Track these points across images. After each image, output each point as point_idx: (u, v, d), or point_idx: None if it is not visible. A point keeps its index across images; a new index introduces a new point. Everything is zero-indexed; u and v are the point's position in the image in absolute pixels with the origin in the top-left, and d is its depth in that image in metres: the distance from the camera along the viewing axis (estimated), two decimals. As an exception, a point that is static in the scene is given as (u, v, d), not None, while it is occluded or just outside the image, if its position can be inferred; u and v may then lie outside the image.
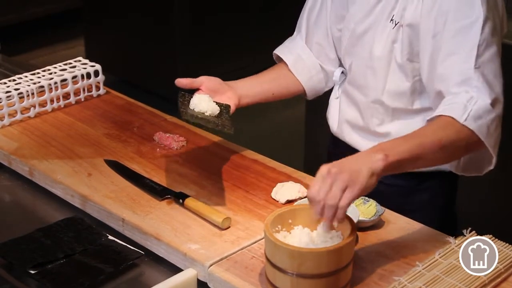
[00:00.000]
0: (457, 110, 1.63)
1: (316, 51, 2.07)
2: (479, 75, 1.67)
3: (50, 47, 5.52)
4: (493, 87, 1.68)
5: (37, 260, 1.62)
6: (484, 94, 1.66)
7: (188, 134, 2.11)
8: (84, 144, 2.07)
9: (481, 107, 1.64)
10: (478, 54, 1.68)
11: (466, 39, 1.70)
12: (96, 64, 2.35)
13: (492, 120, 1.65)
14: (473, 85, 1.67)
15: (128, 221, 1.73)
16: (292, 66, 2.07)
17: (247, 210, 1.78)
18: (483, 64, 1.69)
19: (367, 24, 1.88)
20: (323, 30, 2.04)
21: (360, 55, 1.91)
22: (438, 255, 1.58)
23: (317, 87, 2.11)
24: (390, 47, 1.84)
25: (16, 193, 1.97)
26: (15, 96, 2.17)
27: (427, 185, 1.97)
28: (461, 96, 1.66)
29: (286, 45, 2.12)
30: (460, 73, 1.69)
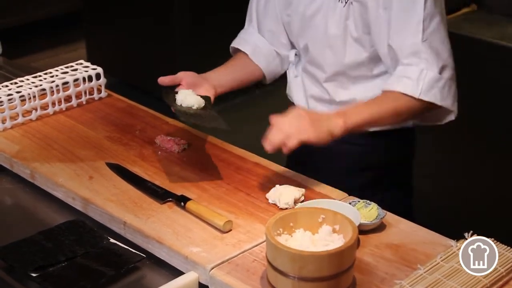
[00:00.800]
0: (411, 86, 1.86)
1: (269, 38, 2.19)
2: (427, 47, 1.87)
3: (52, 50, 5.52)
4: (440, 55, 1.89)
5: (39, 263, 1.62)
6: (432, 65, 1.87)
7: (189, 137, 2.11)
8: (85, 147, 2.07)
9: (432, 79, 1.87)
10: (424, 28, 1.87)
11: (412, 14, 1.87)
12: (97, 67, 2.35)
13: (444, 85, 1.89)
14: (422, 57, 1.87)
15: (129, 224, 1.73)
16: (252, 55, 2.20)
17: (248, 213, 1.78)
18: (429, 36, 1.88)
19: (315, 6, 2.00)
20: (272, 17, 2.16)
21: (315, 36, 2.03)
22: (439, 258, 1.58)
23: (275, 72, 2.24)
24: (344, 24, 1.96)
25: (17, 196, 1.97)
26: (17, 99, 2.17)
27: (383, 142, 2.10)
28: (412, 70, 1.87)
29: (241, 37, 2.25)
30: (410, 47, 1.88)
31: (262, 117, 1.97)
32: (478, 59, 3.06)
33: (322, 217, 1.57)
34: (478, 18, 3.26)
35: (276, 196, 1.80)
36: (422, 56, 1.87)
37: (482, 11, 3.33)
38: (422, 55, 1.87)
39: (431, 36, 1.88)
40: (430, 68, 1.87)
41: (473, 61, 3.06)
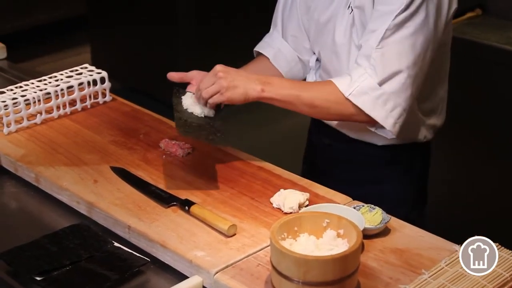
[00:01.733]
0: (346, 84, 1.87)
1: (292, 43, 2.18)
2: (379, 55, 1.85)
3: (57, 54, 5.53)
4: (388, 67, 1.85)
5: (43, 267, 1.62)
6: (374, 73, 1.85)
7: (194, 141, 2.10)
8: (90, 151, 2.07)
9: (368, 85, 1.85)
10: (384, 37, 1.84)
11: (383, 19, 1.85)
12: (102, 71, 2.35)
13: (379, 96, 1.86)
14: (371, 62, 1.85)
15: (134, 228, 1.73)
16: (273, 59, 2.19)
17: (253, 218, 1.78)
18: (386, 45, 1.85)
19: (329, 13, 2.00)
20: (296, 22, 2.16)
21: (325, 43, 2.03)
22: (444, 263, 1.58)
23: (296, 77, 2.21)
24: (350, 31, 1.96)
25: (22, 199, 1.97)
26: (22, 103, 2.17)
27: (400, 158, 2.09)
28: (358, 70, 1.87)
29: (265, 41, 2.24)
30: (365, 49, 1.87)
31: (266, 121, 1.98)
32: (482, 63, 3.06)
33: (327, 221, 1.57)
34: (483, 22, 3.26)
35: (281, 201, 1.80)
36: (371, 62, 1.85)
37: (486, 15, 3.32)
38: (371, 60, 1.85)
39: (388, 46, 1.85)
40: (371, 75, 1.85)
41: (478, 65, 3.06)
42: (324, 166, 2.16)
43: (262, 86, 1.87)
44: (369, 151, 2.08)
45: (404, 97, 1.88)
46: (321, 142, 2.19)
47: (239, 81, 1.87)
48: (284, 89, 1.89)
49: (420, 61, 1.88)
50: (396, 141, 2.03)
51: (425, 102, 2.04)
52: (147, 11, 4.72)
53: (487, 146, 3.13)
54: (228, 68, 1.89)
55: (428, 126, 2.08)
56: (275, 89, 1.88)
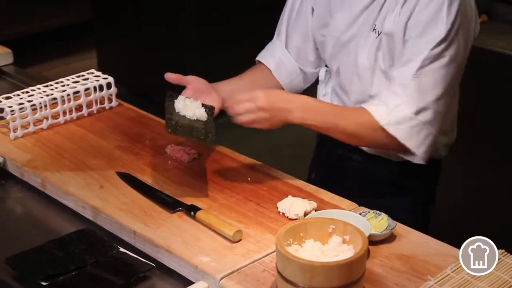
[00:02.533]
0: (382, 113, 1.87)
1: (295, 54, 2.18)
2: (416, 84, 1.86)
3: (63, 59, 5.54)
4: (425, 96, 1.87)
5: (49, 272, 1.62)
6: (411, 103, 1.86)
7: (200, 147, 2.11)
8: (96, 156, 2.07)
9: (405, 115, 1.87)
10: (422, 65, 1.85)
11: (419, 50, 1.85)
12: (108, 76, 2.35)
13: (415, 126, 1.88)
14: (407, 91, 1.86)
15: (139, 233, 1.74)
16: (275, 70, 2.19)
17: (258, 223, 1.78)
18: (422, 75, 1.86)
19: (351, 33, 1.98)
20: (301, 34, 2.14)
21: (346, 62, 2.02)
22: (450, 269, 1.57)
23: (296, 89, 2.22)
24: (375, 56, 1.95)
25: (28, 204, 1.97)
26: (28, 108, 2.18)
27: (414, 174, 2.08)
28: (393, 99, 1.88)
29: (267, 50, 2.23)
30: (401, 78, 1.87)
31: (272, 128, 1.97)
32: (489, 69, 3.06)
33: (332, 227, 1.56)
34: (489, 28, 3.25)
35: (287, 206, 1.80)
36: (407, 91, 1.86)
37: (493, 21, 3.32)
38: (407, 89, 1.86)
39: (424, 75, 1.86)
40: (408, 105, 1.86)
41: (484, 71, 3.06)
42: (336, 177, 2.15)
43: (302, 114, 1.87)
44: (385, 165, 2.07)
45: (436, 126, 1.92)
46: (336, 152, 2.16)
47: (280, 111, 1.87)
48: (321, 116, 1.90)
49: (450, 89, 1.91)
50: None
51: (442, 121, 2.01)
52: (153, 17, 4.73)
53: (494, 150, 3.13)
54: (271, 98, 1.88)
55: (443, 144, 2.08)
56: (314, 116, 1.89)
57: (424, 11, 1.85)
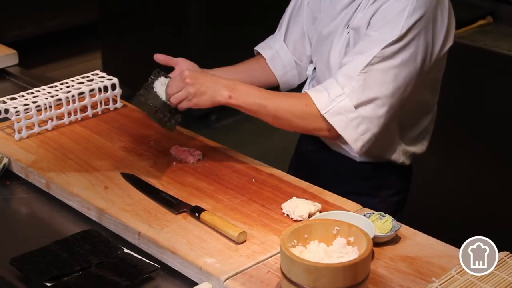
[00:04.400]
0: (324, 101, 1.87)
1: (292, 48, 2.22)
2: (361, 78, 1.86)
3: (68, 60, 5.55)
4: (367, 92, 1.87)
5: (53, 272, 1.63)
6: (353, 95, 1.86)
7: (204, 148, 2.11)
8: (101, 157, 2.07)
9: (345, 106, 1.87)
10: (370, 63, 1.86)
11: (370, 47, 1.87)
12: (113, 77, 2.36)
13: (354, 119, 1.88)
14: (351, 84, 1.86)
15: (144, 234, 1.74)
16: (270, 61, 2.23)
17: (263, 225, 1.78)
18: (370, 71, 1.86)
19: (330, 28, 2.03)
20: (299, 28, 2.20)
21: (322, 56, 2.06)
22: (454, 271, 1.57)
23: (290, 82, 2.26)
24: (345, 52, 1.98)
25: (32, 205, 1.98)
26: (33, 109, 2.18)
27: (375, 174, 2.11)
28: (336, 88, 1.87)
29: (266, 42, 2.28)
30: (349, 69, 1.88)
31: (276, 128, 1.98)
32: (493, 71, 3.06)
33: (337, 229, 1.56)
34: (494, 30, 3.26)
35: (291, 207, 1.80)
36: (349, 83, 1.86)
37: (497, 23, 3.32)
38: (352, 82, 1.86)
39: (372, 73, 1.86)
40: (350, 96, 1.86)
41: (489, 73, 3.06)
42: (310, 173, 2.14)
43: (229, 92, 1.90)
44: (348, 163, 2.09)
45: (377, 123, 1.90)
46: (307, 148, 2.21)
47: (206, 87, 1.90)
48: (250, 97, 1.91)
49: (400, 93, 1.90)
50: (370, 159, 2.07)
51: (407, 131, 2.07)
52: (158, 18, 4.73)
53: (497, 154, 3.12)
54: (196, 73, 1.94)
55: (407, 153, 2.10)
56: (242, 96, 1.91)
57: (387, 10, 1.87)
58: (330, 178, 2.10)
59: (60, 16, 5.68)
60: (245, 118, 4.52)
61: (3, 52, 2.78)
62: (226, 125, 4.48)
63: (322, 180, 2.01)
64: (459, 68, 2.78)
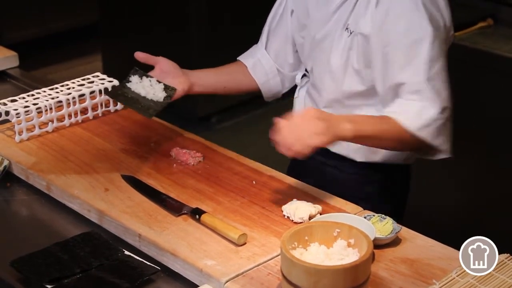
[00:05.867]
0: (410, 119, 1.86)
1: (274, 56, 2.23)
2: (431, 86, 1.87)
3: (68, 62, 5.55)
4: (441, 96, 1.88)
5: (54, 274, 1.63)
6: (434, 104, 1.87)
7: (205, 150, 2.11)
8: (101, 159, 2.07)
9: (432, 117, 1.86)
10: (430, 67, 1.87)
11: (417, 53, 1.86)
12: (113, 79, 2.36)
13: (441, 125, 1.88)
14: (424, 96, 1.86)
15: (144, 236, 1.74)
16: (251, 68, 2.24)
17: (263, 227, 1.78)
18: (434, 76, 1.87)
19: (325, 31, 2.01)
20: (281, 37, 2.20)
21: (320, 60, 2.04)
22: (455, 273, 1.57)
23: (273, 90, 2.27)
24: (347, 54, 1.97)
25: (33, 207, 1.98)
26: (34, 110, 2.18)
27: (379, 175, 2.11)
28: (414, 104, 1.87)
29: (249, 51, 2.29)
30: (413, 85, 1.87)
31: (277, 130, 1.97)
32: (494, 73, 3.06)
33: (337, 231, 1.56)
34: (494, 32, 3.26)
35: (292, 210, 1.80)
36: (424, 95, 1.86)
37: (498, 25, 3.32)
38: (425, 93, 1.86)
39: (435, 77, 1.87)
40: (431, 107, 1.86)
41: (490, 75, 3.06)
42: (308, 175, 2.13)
43: (351, 124, 1.79)
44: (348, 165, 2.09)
45: (450, 121, 1.93)
46: None
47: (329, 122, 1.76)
48: (369, 125, 1.84)
49: None
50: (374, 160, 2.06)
51: None
52: (158, 20, 4.73)
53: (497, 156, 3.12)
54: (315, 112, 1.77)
55: None
56: (363, 126, 1.83)
57: (402, 11, 1.86)
58: (329, 180, 2.10)
59: (60, 18, 5.68)
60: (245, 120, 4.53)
61: (4, 54, 2.79)
62: (226, 127, 4.48)
63: (321, 182, 2.01)
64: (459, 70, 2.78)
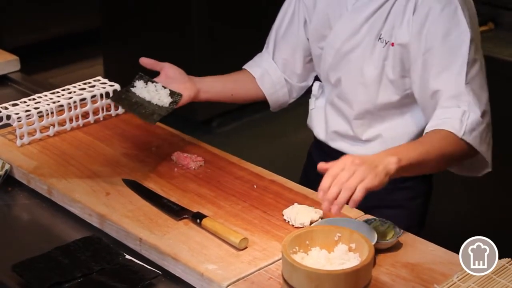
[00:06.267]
0: (455, 125, 1.78)
1: (282, 66, 2.19)
2: (469, 90, 1.82)
3: (70, 66, 5.56)
4: (481, 100, 1.84)
5: (55, 279, 1.62)
6: (475, 108, 1.81)
7: (206, 154, 2.11)
8: (102, 164, 2.07)
9: (474, 120, 1.80)
10: (467, 71, 1.83)
11: (456, 57, 1.83)
12: (115, 83, 2.36)
13: (483, 130, 1.83)
14: (463, 100, 1.81)
15: (145, 240, 1.74)
16: (259, 79, 2.19)
17: (264, 231, 1.78)
18: (471, 80, 1.84)
19: (353, 42, 1.96)
20: (290, 46, 2.15)
21: (349, 72, 1.99)
22: (456, 278, 1.57)
23: (280, 100, 2.23)
24: (382, 65, 1.93)
25: (34, 211, 1.98)
26: (35, 115, 2.18)
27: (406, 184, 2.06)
28: (454, 111, 1.81)
29: (254, 60, 2.24)
30: (452, 90, 1.83)
31: (278, 134, 1.98)
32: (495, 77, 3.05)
33: (338, 235, 1.56)
34: (495, 36, 3.25)
35: (293, 214, 1.80)
36: (463, 99, 1.81)
37: (499, 29, 3.32)
38: (464, 97, 1.81)
39: (473, 81, 1.83)
40: (472, 111, 1.80)
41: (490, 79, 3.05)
42: None
43: (395, 156, 1.65)
44: None
45: (491, 128, 1.88)
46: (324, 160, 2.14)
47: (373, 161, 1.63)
48: (412, 151, 1.71)
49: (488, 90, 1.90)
50: None
51: None
52: (160, 24, 4.74)
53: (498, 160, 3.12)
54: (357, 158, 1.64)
55: None
56: (407, 154, 1.68)
57: (440, 17, 1.83)
58: None
59: (62, 23, 5.68)
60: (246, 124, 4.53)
61: (5, 58, 2.79)
62: (227, 131, 4.48)
63: None
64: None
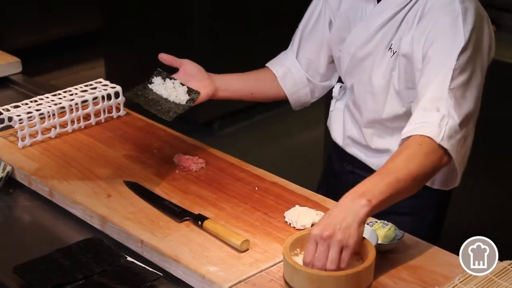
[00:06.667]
0: (433, 130, 1.71)
1: (306, 65, 2.16)
2: (452, 96, 1.76)
3: (71, 68, 5.56)
4: (462, 108, 1.77)
5: (56, 281, 1.62)
6: (454, 114, 1.75)
7: (207, 156, 2.11)
8: (104, 165, 2.07)
9: (452, 127, 1.73)
10: (453, 77, 1.76)
11: (444, 62, 1.77)
12: (116, 85, 2.36)
13: (460, 139, 1.76)
14: (444, 104, 1.75)
15: (147, 242, 1.74)
16: (281, 78, 2.16)
17: (265, 233, 1.78)
18: (456, 87, 1.77)
19: (367, 50, 1.95)
20: (315, 45, 2.13)
21: (361, 79, 1.98)
22: (457, 280, 1.57)
23: (302, 100, 2.20)
24: (389, 75, 1.91)
25: (35, 213, 1.98)
26: (36, 116, 2.18)
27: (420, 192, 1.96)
28: (433, 115, 1.73)
29: (279, 57, 2.21)
30: (433, 91, 1.77)
31: (279, 136, 1.98)
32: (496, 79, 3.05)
33: (340, 237, 1.56)
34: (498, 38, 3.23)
35: (294, 216, 1.79)
36: (444, 104, 1.74)
37: (501, 31, 3.32)
38: (444, 102, 1.75)
39: (457, 89, 1.77)
40: (451, 117, 1.73)
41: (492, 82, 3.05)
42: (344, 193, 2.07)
43: (364, 199, 1.56)
44: None
45: (470, 140, 1.84)
46: (344, 169, 2.14)
47: (342, 220, 1.53)
48: (380, 185, 1.60)
49: (479, 102, 1.85)
50: None
51: None
52: (161, 26, 4.74)
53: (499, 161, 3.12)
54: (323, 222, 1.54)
55: None
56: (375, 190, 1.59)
57: (440, 25, 1.80)
58: None
59: (63, 24, 5.69)
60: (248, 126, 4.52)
61: (7, 60, 2.79)
62: (229, 133, 4.48)
63: None
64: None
